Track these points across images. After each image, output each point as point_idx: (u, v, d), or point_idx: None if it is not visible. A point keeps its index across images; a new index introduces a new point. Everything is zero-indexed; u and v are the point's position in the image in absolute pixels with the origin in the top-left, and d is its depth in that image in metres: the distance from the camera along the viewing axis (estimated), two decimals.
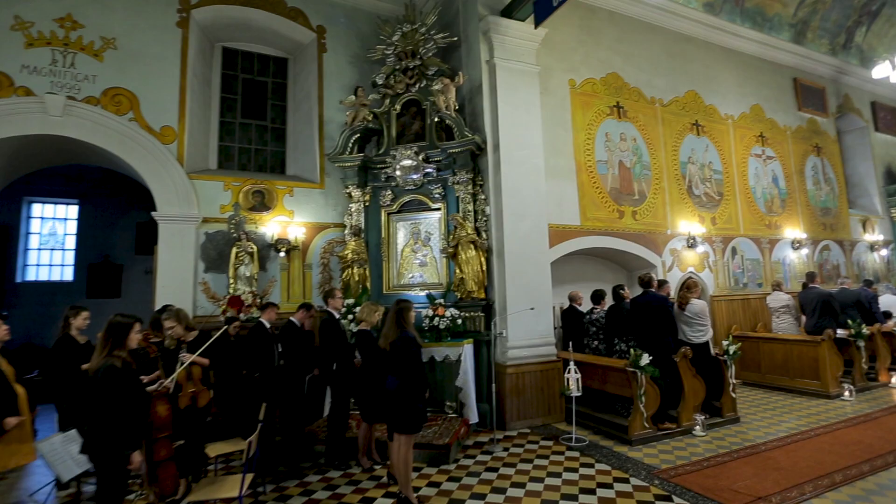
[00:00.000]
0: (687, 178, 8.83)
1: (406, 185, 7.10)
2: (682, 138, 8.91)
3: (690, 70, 9.27)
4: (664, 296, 5.94)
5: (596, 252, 7.99)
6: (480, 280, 6.43)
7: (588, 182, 7.67)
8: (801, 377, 7.40)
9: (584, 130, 7.78)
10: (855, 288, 8.64)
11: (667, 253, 8.27)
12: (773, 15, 10.42)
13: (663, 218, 8.37)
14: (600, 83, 8.10)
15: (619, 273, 8.56)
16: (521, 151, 6.72)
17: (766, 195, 9.86)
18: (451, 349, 5.82)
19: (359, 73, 8.13)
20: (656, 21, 8.90)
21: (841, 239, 10.91)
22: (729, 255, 9.04)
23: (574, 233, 7.39)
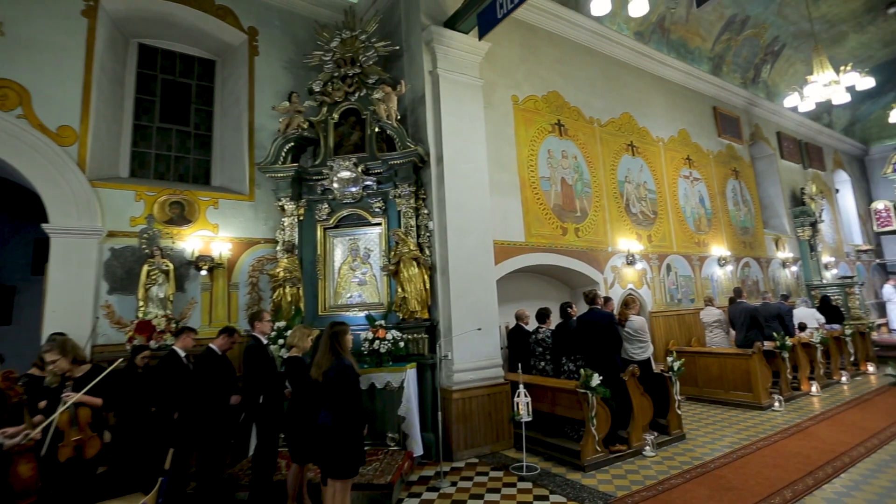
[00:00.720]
0: (624, 197, 8.90)
1: (344, 199, 6.54)
2: (619, 158, 9.00)
3: (625, 94, 9.46)
4: (609, 313, 5.75)
5: (540, 269, 7.77)
6: (424, 299, 5.96)
7: (532, 198, 7.47)
8: (735, 389, 7.49)
9: (527, 146, 7.61)
10: (774, 302, 9.00)
11: (608, 270, 8.21)
12: (695, 48, 10.97)
13: (604, 235, 8.33)
14: (542, 101, 8.00)
15: (563, 290, 8.40)
16: (465, 165, 6.38)
17: (694, 214, 10.19)
18: (393, 375, 5.25)
19: (294, 79, 7.53)
20: (592, 45, 9.02)
21: (759, 256, 11.50)
22: (664, 271, 9.17)
23: (519, 249, 7.12)
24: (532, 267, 7.40)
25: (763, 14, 11.32)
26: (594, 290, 5.83)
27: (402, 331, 5.82)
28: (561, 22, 8.42)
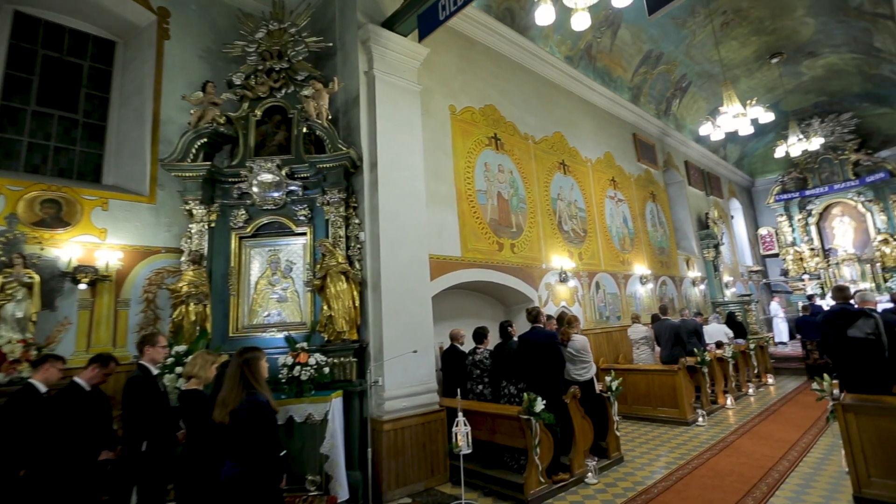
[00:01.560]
0: (557, 214, 8.78)
1: (265, 205, 5.68)
2: (552, 175, 8.90)
3: (556, 113, 9.44)
4: (553, 332, 5.39)
5: (475, 286, 7.32)
6: (352, 318, 5.24)
7: (469, 211, 7.04)
8: (662, 406, 7.46)
9: (464, 158, 7.20)
10: (690, 319, 9.26)
11: (542, 287, 7.96)
12: (617, 77, 11.33)
13: (538, 252, 8.10)
14: (479, 113, 7.68)
15: (497, 308, 8.02)
16: (400, 172, 5.81)
17: (619, 234, 10.35)
18: (316, 406, 4.45)
19: (211, 70, 6.56)
20: (527, 64, 8.91)
21: (673, 275, 11.96)
22: (594, 289, 9.12)
23: (455, 264, 6.62)
24: (467, 283, 6.93)
25: (674, 52, 12.00)
26: (537, 308, 5.45)
27: (327, 354, 5.04)
28: (497, 37, 8.21)
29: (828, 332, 4.84)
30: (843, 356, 4.70)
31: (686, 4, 10.51)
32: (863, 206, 16.36)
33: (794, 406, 8.09)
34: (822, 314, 4.91)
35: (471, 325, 6.27)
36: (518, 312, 7.79)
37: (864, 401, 4.18)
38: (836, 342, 4.75)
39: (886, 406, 4.03)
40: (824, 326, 4.87)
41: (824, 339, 4.92)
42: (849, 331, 4.70)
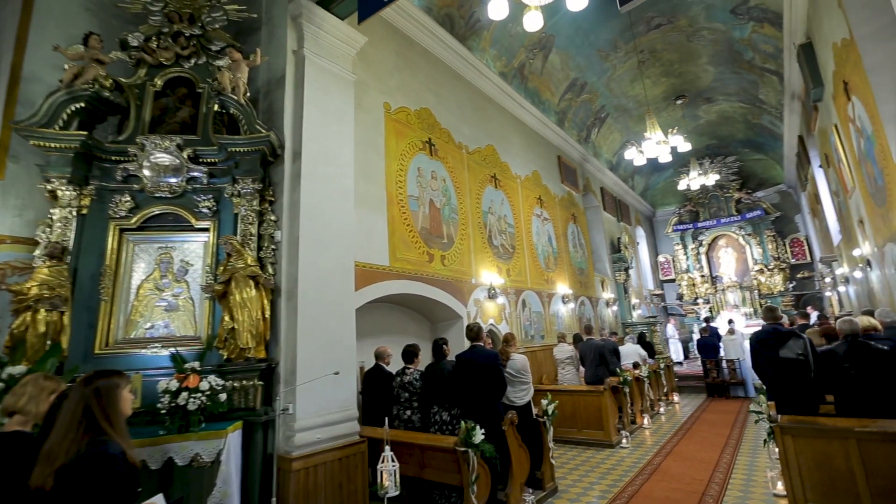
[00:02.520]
0: (488, 228, 8.43)
1: (158, 192, 4.59)
2: (484, 188, 8.56)
3: (489, 126, 9.19)
4: (495, 352, 4.86)
5: (401, 299, 6.64)
6: (260, 332, 4.31)
7: (399, 217, 6.40)
8: (587, 428, 7.25)
9: (397, 160, 6.58)
10: (609, 339, 9.32)
11: (471, 303, 7.48)
12: (546, 99, 11.47)
13: (469, 266, 7.64)
14: (415, 115, 7.13)
15: (423, 325, 7.39)
16: (328, 167, 5.04)
17: (544, 252, 10.28)
18: (206, 444, 3.45)
19: (101, 26, 5.25)
20: (463, 73, 8.59)
21: (591, 296, 12.18)
22: (520, 307, 8.85)
23: (383, 274, 5.92)
24: (394, 296, 6.24)
25: (597, 83, 12.49)
26: (479, 324, 4.90)
27: (225, 376, 4.06)
28: (437, 41, 7.79)
29: (760, 353, 4.83)
30: (776, 377, 4.69)
31: (609, 38, 10.95)
32: (743, 239, 18.22)
33: (703, 425, 8.32)
34: (755, 334, 4.91)
35: (394, 342, 5.60)
36: (445, 330, 7.23)
37: (801, 423, 4.13)
38: (769, 362, 4.75)
39: (823, 428, 3.99)
40: (757, 346, 4.86)
41: (756, 359, 4.92)
42: (780, 351, 4.72)
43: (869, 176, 6.49)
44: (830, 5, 6.29)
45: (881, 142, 5.68)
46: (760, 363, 4.88)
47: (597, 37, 10.76)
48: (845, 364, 4.39)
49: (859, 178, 7.04)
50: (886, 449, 3.72)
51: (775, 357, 4.75)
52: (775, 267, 17.22)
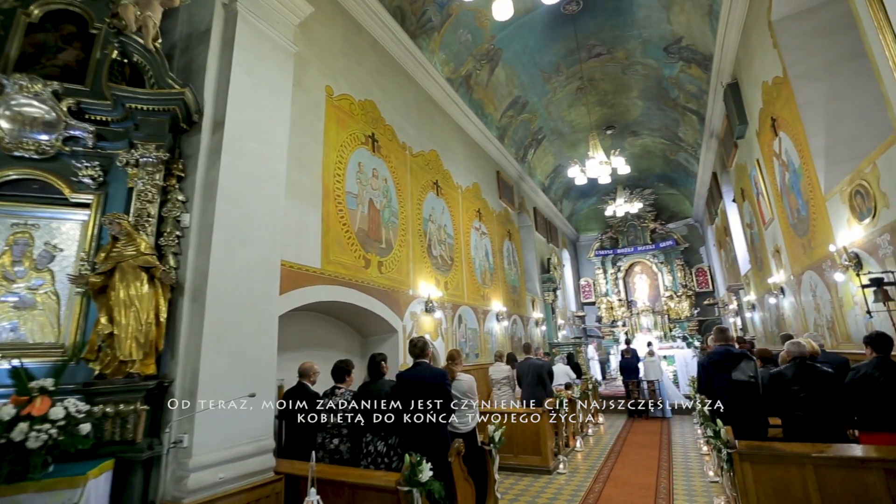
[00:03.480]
0: (428, 237, 7.86)
1: (19, 149, 3.48)
2: (426, 194, 8.02)
3: (434, 131, 8.73)
4: (444, 371, 4.22)
5: (329, 308, 5.82)
6: (152, 340, 3.34)
7: (335, 214, 5.63)
8: (524, 452, 6.79)
9: (336, 150, 5.83)
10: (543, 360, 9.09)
11: (407, 316, 6.82)
12: (489, 113, 11.30)
13: (407, 275, 6.99)
14: (358, 106, 6.45)
15: (352, 339, 6.58)
16: (256, 145, 4.20)
17: (481, 267, 9.91)
18: (51, 497, 2.41)
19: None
20: (412, 71, 8.08)
21: (522, 314, 12.00)
22: (457, 322, 8.32)
23: (313, 278, 5.09)
24: (324, 304, 5.43)
25: (537, 104, 12.60)
26: (424, 339, 4.24)
27: (94, 399, 3.04)
28: (387, 32, 7.22)
29: (713, 374, 4.68)
30: (728, 399, 4.55)
31: (553, 60, 11.08)
32: (656, 266, 19.36)
33: (632, 447, 8.25)
34: (707, 355, 4.78)
35: (320, 358, 4.80)
36: (377, 345, 6.50)
37: (760, 448, 3.95)
38: (721, 385, 4.61)
39: (781, 454, 3.83)
40: (710, 368, 4.71)
41: (707, 381, 4.76)
42: (733, 373, 4.61)
43: (791, 207, 6.87)
44: (764, 46, 6.64)
45: (809, 174, 5.99)
46: (713, 385, 4.74)
47: (542, 57, 10.82)
48: (794, 387, 4.34)
49: (779, 209, 7.47)
50: (842, 475, 3.61)
51: (728, 379, 4.64)
52: (683, 294, 18.43)
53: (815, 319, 6.75)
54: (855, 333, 5.43)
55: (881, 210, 4.44)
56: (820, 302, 6.43)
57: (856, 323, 5.41)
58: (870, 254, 4.80)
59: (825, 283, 6.10)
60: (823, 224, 5.83)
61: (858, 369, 4.13)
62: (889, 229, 4.33)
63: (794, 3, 6.00)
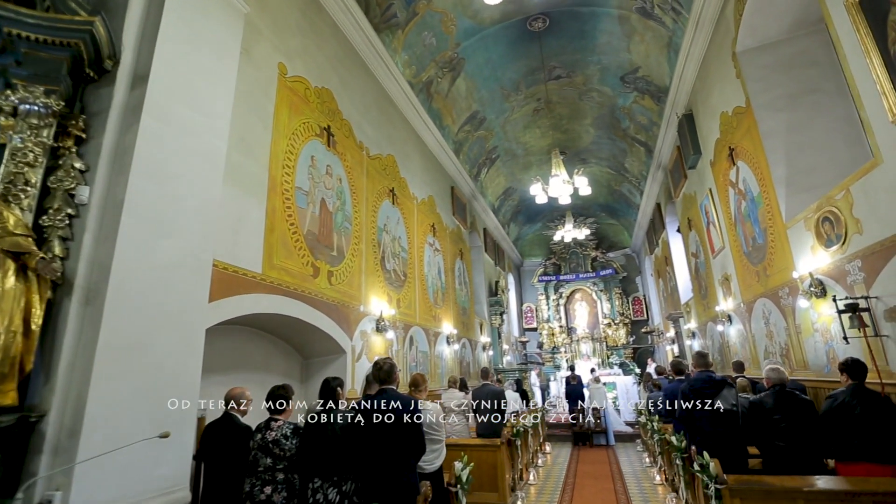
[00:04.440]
0: (381, 248, 7.15)
1: None
2: (381, 201, 7.34)
3: (393, 135, 8.13)
4: (416, 400, 3.51)
5: (267, 322, 4.92)
6: (13, 356, 2.38)
7: (282, 211, 4.81)
8: (480, 489, 6.09)
9: (287, 138, 5.05)
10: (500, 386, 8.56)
11: (357, 335, 6.02)
12: (446, 125, 10.90)
13: (358, 289, 6.22)
14: (314, 93, 5.72)
15: (292, 360, 5.66)
16: (191, 112, 3.38)
17: (434, 285, 9.29)
18: None
19: None
20: (373, 67, 7.49)
21: (471, 338, 11.47)
22: (408, 344, 7.60)
23: (252, 284, 4.22)
24: (262, 317, 4.55)
25: (494, 122, 12.43)
26: (391, 361, 3.51)
27: None
28: (349, 18, 6.60)
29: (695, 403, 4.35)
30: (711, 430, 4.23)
31: (514, 78, 10.97)
32: (595, 294, 19.76)
33: (585, 479, 7.86)
34: (689, 383, 4.45)
35: (254, 382, 3.96)
36: (322, 368, 5.65)
37: (750, 483, 3.61)
38: (703, 414, 4.28)
39: (772, 489, 3.50)
40: (691, 396, 4.38)
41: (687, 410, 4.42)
42: (717, 401, 4.30)
43: (746, 236, 6.96)
44: (726, 77, 6.78)
45: (769, 202, 6.05)
46: (693, 415, 4.41)
47: (504, 73, 10.66)
48: (775, 416, 4.11)
49: (732, 238, 7.60)
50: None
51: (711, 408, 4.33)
52: (620, 321, 18.88)
53: (766, 346, 6.79)
54: (813, 361, 5.41)
55: (852, 236, 4.42)
56: (773, 329, 6.46)
57: (814, 350, 5.39)
58: (836, 280, 4.78)
59: (780, 309, 6.13)
60: (783, 251, 5.87)
61: (836, 397, 3.96)
62: (861, 255, 4.29)
63: (758, 36, 6.15)
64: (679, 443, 5.14)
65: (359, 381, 5.85)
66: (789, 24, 5.96)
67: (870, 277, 4.20)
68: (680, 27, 7.95)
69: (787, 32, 6.04)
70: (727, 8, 6.42)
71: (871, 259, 4.14)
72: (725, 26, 6.57)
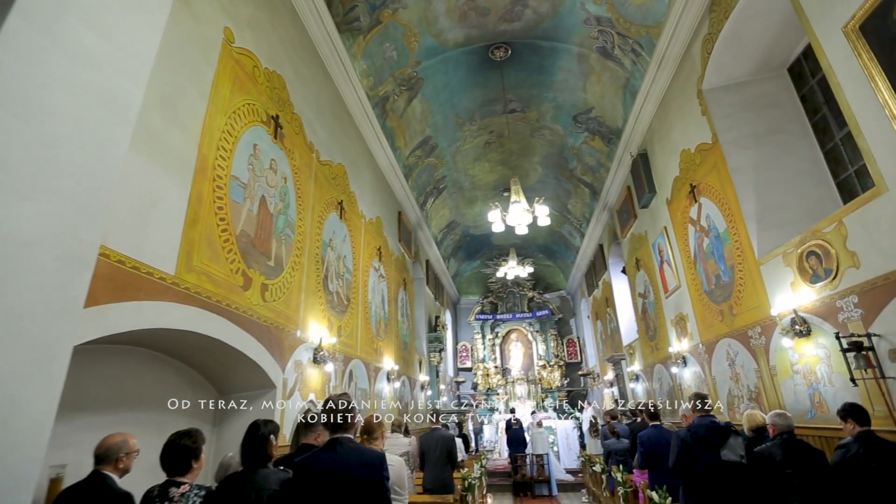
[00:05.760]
0: (325, 265, 6.12)
1: None
2: (328, 213, 6.37)
3: (345, 144, 7.28)
4: (380, 453, 2.53)
5: (172, 343, 3.72)
6: None
7: (210, 200, 3.73)
8: None
9: (226, 115, 4.05)
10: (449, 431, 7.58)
11: (291, 366, 4.88)
12: (399, 146, 10.24)
13: (296, 309, 5.12)
14: (264, 74, 4.79)
15: (205, 395, 4.38)
16: (95, 36, 2.37)
17: (377, 315, 8.26)
18: None
19: None
20: (329, 66, 6.70)
21: (410, 375, 10.41)
22: (347, 380, 6.46)
23: (161, 289, 3.08)
24: (169, 335, 3.37)
25: (446, 150, 11.99)
26: (347, 397, 2.53)
27: None
28: (310, 6, 5.83)
29: (697, 454, 3.74)
30: (717, 487, 3.61)
31: (470, 107, 10.67)
32: (531, 335, 19.49)
33: None
34: (691, 431, 3.84)
35: (144, 427, 2.79)
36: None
37: None
38: (709, 467, 3.68)
39: None
40: (695, 446, 3.77)
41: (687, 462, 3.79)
42: (722, 452, 3.72)
43: (709, 274, 6.81)
44: (690, 114, 6.79)
45: (738, 239, 5.91)
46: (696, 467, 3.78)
47: (460, 100, 10.32)
48: (787, 470, 3.59)
49: (690, 276, 7.47)
50: None
51: (717, 460, 3.75)
52: (555, 363, 18.64)
53: (730, 389, 6.53)
54: (792, 405, 5.11)
55: (845, 271, 4.21)
56: (740, 371, 6.21)
57: (794, 394, 5.11)
58: (823, 318, 4.54)
59: (750, 350, 5.89)
60: (754, 289, 5.68)
61: (847, 448, 3.53)
62: (858, 291, 4.06)
63: (724, 75, 6.22)
64: (662, 499, 4.50)
65: (290, 426, 4.67)
66: (753, 66, 6.08)
67: (869, 314, 3.94)
68: (639, 69, 8.05)
69: (750, 74, 6.15)
70: (693, 46, 6.48)
71: (872, 294, 3.90)
72: (691, 64, 6.62)
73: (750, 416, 4.27)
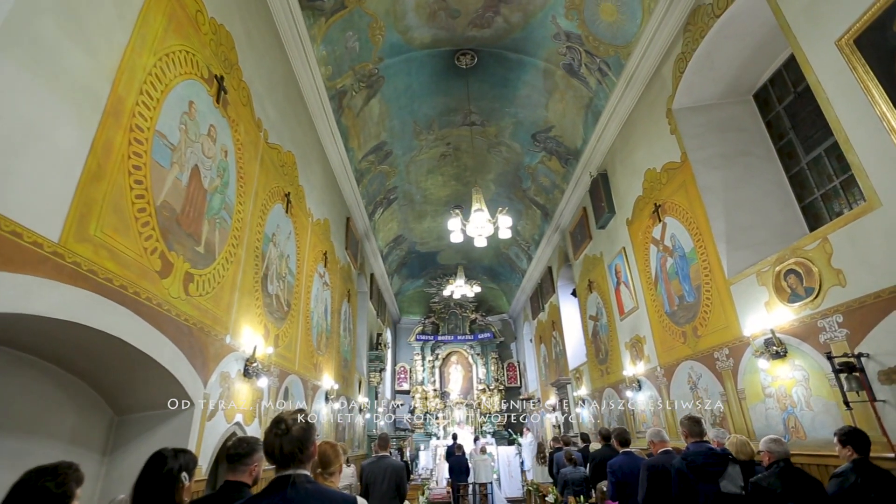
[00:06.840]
0: (266, 262, 5.20)
1: None
2: (273, 204, 5.49)
3: (297, 132, 6.46)
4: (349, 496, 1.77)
5: (47, 341, 2.73)
6: None
7: (123, 154, 2.83)
8: None
9: (155, 55, 3.18)
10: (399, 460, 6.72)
11: (215, 379, 3.92)
12: (352, 148, 9.50)
13: (227, 310, 4.19)
14: (210, 23, 3.96)
15: (94, 413, 3.31)
16: None
17: (319, 326, 7.31)
18: None
19: None
20: (287, 43, 5.94)
21: (350, 395, 9.41)
22: (282, 397, 5.48)
23: (36, 259, 2.15)
24: (45, 328, 2.42)
25: (400, 159, 11.39)
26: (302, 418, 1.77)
27: None
28: None
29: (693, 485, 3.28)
30: None
31: (429, 114, 10.21)
32: (472, 358, 18.96)
33: None
34: (685, 459, 3.39)
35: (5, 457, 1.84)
36: (145, 430, 3.42)
37: None
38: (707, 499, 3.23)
39: None
40: (691, 476, 3.32)
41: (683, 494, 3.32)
42: (721, 483, 3.30)
43: (671, 294, 6.65)
44: (657, 133, 6.72)
45: (707, 258, 5.77)
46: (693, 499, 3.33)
47: (420, 106, 9.83)
48: (789, 503, 3.24)
49: (649, 297, 7.30)
50: None
51: (716, 492, 3.31)
52: (495, 388, 18.18)
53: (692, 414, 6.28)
54: (762, 430, 4.87)
55: (829, 289, 4.06)
56: (703, 395, 6.00)
57: (765, 418, 4.90)
58: (802, 339, 4.37)
59: (716, 373, 5.69)
60: (722, 309, 5.52)
61: (845, 477, 3.24)
62: (843, 310, 3.90)
63: (694, 96, 6.20)
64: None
65: (208, 456, 3.69)
66: (722, 90, 6.10)
67: (856, 334, 3.77)
68: (603, 89, 8.01)
69: (718, 98, 6.17)
70: (664, 66, 6.44)
71: (860, 313, 3.73)
72: (660, 84, 6.58)
73: (742, 444, 3.93)
